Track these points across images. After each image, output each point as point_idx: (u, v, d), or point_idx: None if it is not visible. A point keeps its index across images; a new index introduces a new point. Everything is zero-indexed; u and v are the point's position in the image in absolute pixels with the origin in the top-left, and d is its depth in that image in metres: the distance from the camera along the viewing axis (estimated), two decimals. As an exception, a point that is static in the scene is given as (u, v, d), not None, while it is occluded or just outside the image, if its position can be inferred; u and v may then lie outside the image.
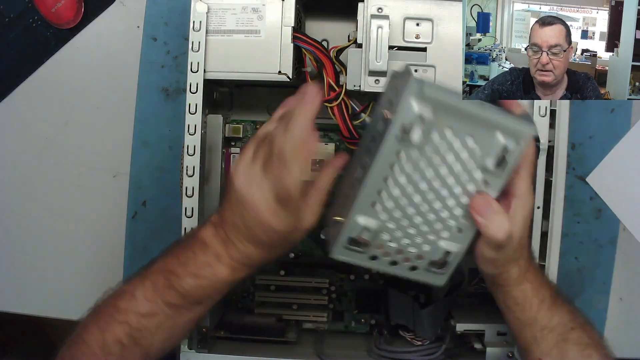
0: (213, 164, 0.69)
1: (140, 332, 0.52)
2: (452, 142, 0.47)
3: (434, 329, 0.68)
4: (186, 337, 0.61)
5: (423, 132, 0.46)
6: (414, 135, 0.46)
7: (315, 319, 0.74)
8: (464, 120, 0.46)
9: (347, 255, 0.52)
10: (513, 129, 0.47)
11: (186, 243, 0.54)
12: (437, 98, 0.45)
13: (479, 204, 0.49)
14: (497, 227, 0.49)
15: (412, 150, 0.47)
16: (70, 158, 0.80)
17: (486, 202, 0.49)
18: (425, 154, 0.47)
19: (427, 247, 0.52)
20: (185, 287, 0.51)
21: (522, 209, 0.50)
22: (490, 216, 0.49)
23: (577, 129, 0.76)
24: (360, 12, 0.61)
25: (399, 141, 0.46)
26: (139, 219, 0.78)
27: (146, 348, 0.52)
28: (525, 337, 0.55)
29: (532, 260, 0.55)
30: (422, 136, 0.46)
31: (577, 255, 0.77)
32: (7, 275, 0.81)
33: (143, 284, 0.53)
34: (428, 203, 0.50)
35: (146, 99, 0.77)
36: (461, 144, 0.47)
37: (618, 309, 0.77)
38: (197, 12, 0.62)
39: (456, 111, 0.46)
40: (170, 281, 0.52)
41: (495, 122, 0.47)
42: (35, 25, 0.79)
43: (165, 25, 0.77)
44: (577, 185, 0.77)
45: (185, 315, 0.53)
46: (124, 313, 0.52)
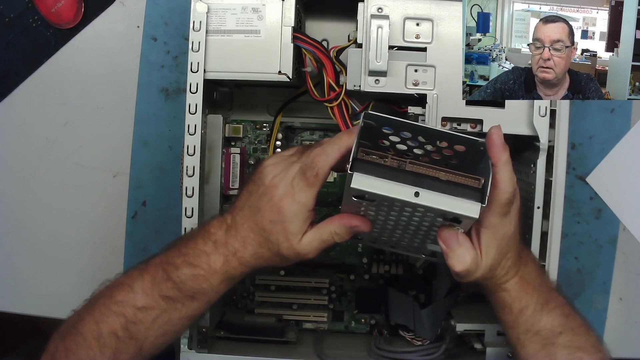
0: (213, 164, 0.69)
1: (135, 326, 0.52)
2: (403, 212, 0.47)
3: (434, 329, 0.68)
4: (180, 335, 0.61)
5: (373, 208, 0.48)
6: (366, 200, 0.46)
7: (315, 319, 0.74)
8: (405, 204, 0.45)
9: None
10: (454, 212, 0.45)
11: (192, 234, 0.55)
12: (366, 189, 0.45)
13: (444, 235, 0.49)
14: (457, 261, 0.49)
15: (370, 207, 0.48)
16: (70, 158, 0.79)
17: (452, 233, 0.49)
18: (382, 214, 0.49)
19: (415, 246, 0.55)
20: (181, 277, 0.52)
21: (494, 239, 0.50)
22: (454, 248, 0.49)
23: (577, 129, 0.76)
24: (360, 12, 0.61)
25: (353, 200, 0.47)
26: (139, 219, 0.78)
27: (141, 342, 0.52)
28: (511, 337, 0.55)
29: (524, 264, 0.54)
30: (374, 209, 0.48)
31: (577, 255, 0.77)
32: (7, 275, 0.80)
33: (142, 277, 0.53)
34: (402, 232, 0.52)
35: (146, 99, 0.77)
36: (412, 212, 0.47)
37: (618, 309, 0.77)
38: (197, 12, 0.62)
39: (386, 200, 0.45)
40: (167, 273, 0.52)
41: (431, 210, 0.45)
42: (35, 25, 0.79)
43: (165, 25, 0.77)
44: (577, 185, 0.77)
45: (180, 310, 0.53)
46: (121, 305, 0.52)
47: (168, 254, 0.54)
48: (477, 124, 0.62)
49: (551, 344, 0.53)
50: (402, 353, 0.67)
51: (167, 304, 0.52)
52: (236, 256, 0.52)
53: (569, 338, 0.54)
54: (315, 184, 0.49)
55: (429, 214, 0.46)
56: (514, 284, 0.54)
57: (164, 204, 0.78)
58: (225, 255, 0.52)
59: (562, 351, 0.53)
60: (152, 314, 0.52)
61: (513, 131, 0.62)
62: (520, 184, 0.69)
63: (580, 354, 0.53)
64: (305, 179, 0.49)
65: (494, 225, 0.50)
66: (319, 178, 0.49)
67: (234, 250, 0.52)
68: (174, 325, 0.54)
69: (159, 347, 0.54)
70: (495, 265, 0.52)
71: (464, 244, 0.49)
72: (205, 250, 0.52)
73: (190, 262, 0.52)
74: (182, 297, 0.52)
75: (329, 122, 0.72)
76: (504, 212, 0.49)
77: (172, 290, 0.52)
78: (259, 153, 0.75)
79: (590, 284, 0.77)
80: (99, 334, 0.52)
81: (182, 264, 0.52)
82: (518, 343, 0.55)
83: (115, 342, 0.52)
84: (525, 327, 0.54)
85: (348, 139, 0.49)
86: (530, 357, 0.54)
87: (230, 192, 0.71)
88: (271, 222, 0.51)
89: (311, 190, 0.50)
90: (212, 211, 0.68)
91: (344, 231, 0.51)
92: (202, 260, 0.52)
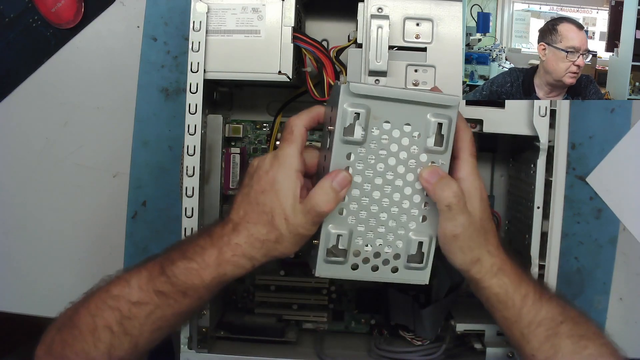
0: (213, 164, 0.69)
1: (130, 321, 0.52)
2: (392, 134, 0.51)
3: (434, 329, 0.68)
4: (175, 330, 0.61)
5: (364, 129, 0.50)
6: (356, 134, 0.50)
7: (315, 319, 0.74)
8: (395, 108, 0.51)
9: (330, 270, 0.54)
10: (439, 102, 0.51)
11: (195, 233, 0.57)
12: (364, 92, 0.49)
13: (426, 173, 0.52)
14: (444, 187, 0.51)
15: (359, 149, 0.51)
16: (70, 158, 0.80)
17: (432, 170, 0.52)
18: (371, 150, 0.51)
19: (400, 244, 0.54)
20: (174, 271, 0.52)
21: (473, 188, 0.53)
22: (437, 180, 0.52)
23: (577, 129, 0.76)
24: (360, 12, 0.61)
25: (344, 143, 0.51)
26: (139, 219, 0.78)
27: (135, 338, 0.53)
28: (514, 335, 0.55)
29: (509, 257, 0.56)
30: (364, 133, 0.51)
31: (577, 255, 0.77)
32: (7, 275, 0.81)
33: (139, 272, 0.54)
34: (388, 197, 0.53)
35: (146, 99, 0.77)
36: (400, 133, 0.51)
37: (618, 309, 0.77)
38: (197, 12, 0.62)
39: (385, 100, 0.50)
40: (163, 267, 0.53)
41: (422, 100, 0.51)
42: (35, 25, 0.79)
43: (165, 25, 0.77)
44: (577, 185, 0.77)
45: (173, 306, 0.53)
46: (116, 299, 0.52)
47: (168, 252, 0.54)
48: (477, 124, 0.62)
49: (554, 335, 0.53)
50: (402, 353, 0.67)
51: (160, 299, 0.52)
52: (230, 245, 0.52)
53: (571, 327, 0.54)
54: (292, 139, 0.52)
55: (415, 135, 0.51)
56: (510, 272, 0.54)
57: (164, 204, 0.78)
58: (220, 247, 0.52)
59: (565, 341, 0.53)
60: (146, 309, 0.52)
61: (513, 131, 0.62)
62: (521, 184, 0.69)
63: (584, 342, 0.53)
64: (283, 140, 0.53)
65: (467, 175, 0.53)
66: (294, 134, 0.52)
67: (227, 240, 0.52)
68: (167, 321, 0.54)
69: (154, 343, 0.55)
70: (484, 225, 0.53)
71: (445, 176, 0.52)
72: (201, 245, 0.53)
73: (186, 256, 0.53)
74: (174, 292, 0.52)
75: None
76: (473, 163, 0.53)
77: (165, 285, 0.52)
78: (259, 153, 0.75)
79: (590, 284, 0.77)
80: (94, 327, 0.52)
81: (178, 258, 0.53)
82: (522, 339, 0.54)
83: (110, 337, 0.52)
84: (529, 318, 0.54)
85: (319, 107, 0.54)
86: (535, 351, 0.54)
87: (230, 192, 0.71)
88: (263, 192, 0.52)
89: (291, 147, 0.52)
90: (212, 211, 0.68)
91: (329, 194, 0.50)
92: (197, 253, 0.52)
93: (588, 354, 0.53)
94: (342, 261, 0.54)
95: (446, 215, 0.52)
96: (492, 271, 0.54)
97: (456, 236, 0.52)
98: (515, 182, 0.72)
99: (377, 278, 0.55)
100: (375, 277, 0.55)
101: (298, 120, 0.53)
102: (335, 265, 0.54)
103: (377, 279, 0.55)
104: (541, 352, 0.54)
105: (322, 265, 0.54)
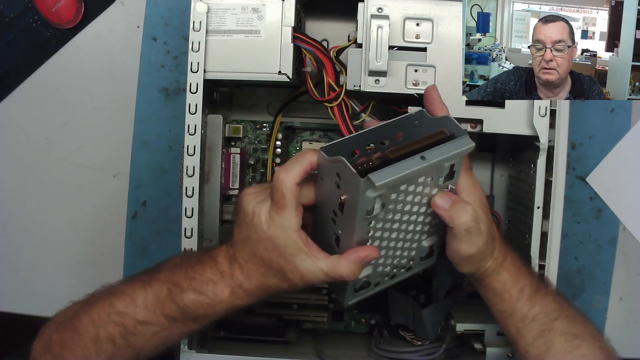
0: (213, 164, 0.69)
1: (134, 337, 0.52)
2: (408, 189, 0.49)
3: (434, 329, 0.68)
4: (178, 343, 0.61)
5: (383, 202, 0.48)
6: (376, 210, 0.48)
7: (315, 319, 0.74)
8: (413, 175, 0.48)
9: (357, 297, 0.56)
10: (460, 153, 0.48)
11: (199, 258, 0.54)
12: (389, 184, 0.46)
13: (439, 200, 0.51)
14: (461, 213, 0.50)
15: (377, 217, 0.49)
16: (70, 158, 0.79)
17: (443, 196, 0.51)
18: (389, 210, 0.50)
19: (414, 252, 0.56)
20: (186, 302, 0.52)
21: (471, 201, 0.52)
22: (451, 206, 0.51)
23: (577, 129, 0.76)
24: (360, 12, 0.61)
25: (364, 220, 0.48)
26: (139, 219, 0.78)
27: (138, 350, 0.53)
28: (510, 330, 0.55)
29: (509, 250, 0.56)
30: (383, 203, 0.48)
31: (577, 255, 0.77)
32: (7, 275, 0.81)
33: (145, 290, 0.53)
34: (404, 232, 0.53)
35: (146, 99, 0.77)
36: (414, 186, 0.49)
37: (618, 309, 0.77)
38: (197, 12, 0.62)
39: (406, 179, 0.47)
40: (172, 294, 0.52)
41: (442, 160, 0.48)
42: (35, 25, 0.79)
43: (165, 25, 0.77)
44: (577, 185, 0.77)
45: (181, 328, 0.53)
46: (121, 315, 0.52)
47: (174, 274, 0.53)
48: (477, 124, 0.62)
49: (548, 330, 0.53)
50: (402, 353, 0.67)
51: (169, 322, 0.52)
52: (242, 288, 0.52)
53: (565, 324, 0.54)
54: (285, 204, 0.48)
55: (429, 180, 0.49)
56: (510, 267, 0.54)
57: (164, 204, 0.78)
58: (232, 287, 0.52)
59: (559, 337, 0.53)
60: (152, 328, 0.52)
61: (513, 131, 0.62)
62: (521, 184, 0.69)
63: (578, 342, 0.53)
64: (275, 204, 0.49)
65: (466, 187, 0.52)
66: (287, 197, 0.48)
67: (239, 283, 0.52)
68: (173, 339, 0.54)
69: (157, 353, 0.55)
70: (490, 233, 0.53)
71: (457, 200, 0.51)
72: (212, 279, 0.52)
73: (196, 288, 0.52)
74: (185, 318, 0.52)
75: (328, 122, 0.72)
76: (469, 174, 0.53)
77: (175, 312, 0.52)
78: (259, 153, 0.75)
79: (590, 284, 0.77)
80: (97, 337, 0.52)
81: (187, 288, 0.52)
82: (517, 334, 0.55)
83: (112, 348, 0.52)
84: (523, 312, 0.54)
85: (310, 155, 0.49)
86: (529, 346, 0.54)
87: (230, 192, 0.71)
88: (266, 249, 0.50)
89: (286, 212, 0.49)
90: (212, 211, 0.68)
91: (354, 267, 0.50)
92: (208, 288, 0.52)
93: (580, 354, 0.53)
94: (367, 290, 0.56)
95: (463, 238, 0.51)
96: (495, 271, 0.54)
97: (471, 256, 0.52)
98: (515, 182, 0.72)
99: (394, 281, 0.57)
100: (393, 282, 0.57)
101: (288, 180, 0.48)
102: (360, 294, 0.56)
103: (395, 283, 0.58)
104: (534, 347, 0.54)
105: (349, 297, 0.56)
